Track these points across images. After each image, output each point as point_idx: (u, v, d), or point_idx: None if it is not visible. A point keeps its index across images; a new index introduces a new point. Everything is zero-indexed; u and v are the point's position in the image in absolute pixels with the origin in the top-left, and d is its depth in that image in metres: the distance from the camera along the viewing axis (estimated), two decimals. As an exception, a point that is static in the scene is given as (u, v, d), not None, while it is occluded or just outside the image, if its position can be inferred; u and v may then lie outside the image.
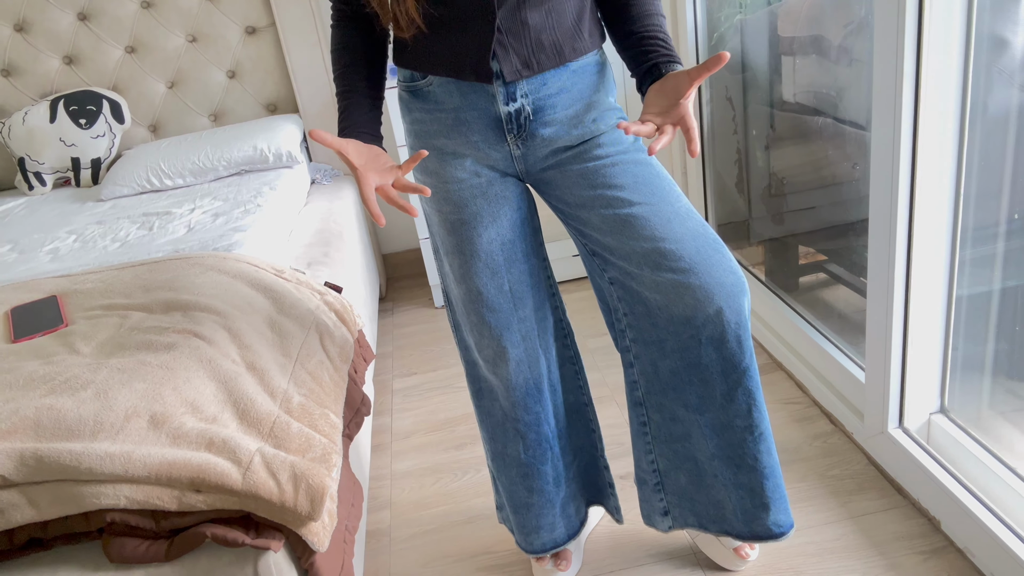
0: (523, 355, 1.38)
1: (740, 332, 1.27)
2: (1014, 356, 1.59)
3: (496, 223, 1.31)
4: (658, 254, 1.24)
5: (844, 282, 2.18)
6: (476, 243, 1.31)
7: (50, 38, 2.78)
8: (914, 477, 1.59)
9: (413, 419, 2.22)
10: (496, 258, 1.32)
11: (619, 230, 1.26)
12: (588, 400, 1.53)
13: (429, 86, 1.24)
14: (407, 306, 2.96)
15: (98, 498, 1.10)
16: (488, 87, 1.20)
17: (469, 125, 1.23)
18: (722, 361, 1.29)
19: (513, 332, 1.36)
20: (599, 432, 1.55)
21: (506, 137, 1.24)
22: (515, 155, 1.27)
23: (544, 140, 1.25)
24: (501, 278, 1.33)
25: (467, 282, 1.34)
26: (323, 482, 1.13)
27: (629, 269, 1.28)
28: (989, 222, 1.53)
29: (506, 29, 1.16)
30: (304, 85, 2.80)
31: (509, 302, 1.35)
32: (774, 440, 1.56)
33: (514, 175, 1.31)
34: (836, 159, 2.04)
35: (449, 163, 1.27)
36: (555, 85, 1.22)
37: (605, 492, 1.59)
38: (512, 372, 1.38)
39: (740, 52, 2.38)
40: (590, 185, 1.27)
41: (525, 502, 1.50)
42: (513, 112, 1.22)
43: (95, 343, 1.41)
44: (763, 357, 2.22)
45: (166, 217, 2.30)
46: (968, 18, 1.36)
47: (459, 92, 1.22)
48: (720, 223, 2.67)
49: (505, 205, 1.31)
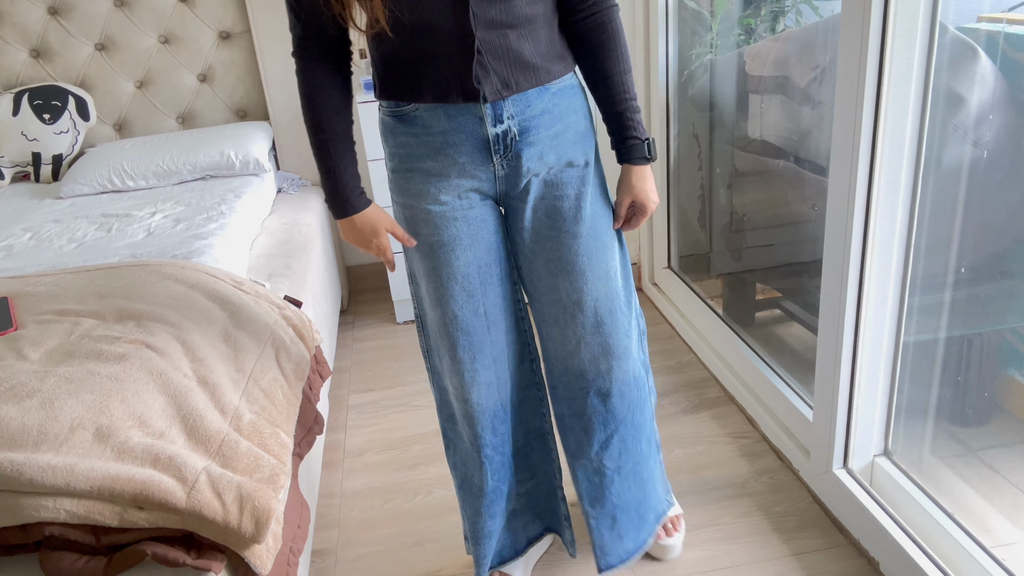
0: (493, 378, 1.41)
1: (624, 388, 1.43)
2: (956, 403, 1.64)
3: (474, 247, 1.33)
4: (574, 310, 1.38)
5: (798, 319, 2.22)
6: (454, 265, 1.33)
7: (18, 30, 2.73)
8: (856, 518, 1.63)
9: (367, 437, 2.21)
10: (472, 281, 1.35)
11: (551, 284, 1.38)
12: (550, 428, 1.55)
13: (416, 111, 1.26)
14: (368, 320, 2.95)
15: (37, 511, 1.08)
16: (476, 110, 1.24)
17: (457, 147, 1.26)
18: (605, 412, 1.44)
19: (485, 355, 1.39)
20: (558, 462, 1.58)
21: (492, 158, 1.28)
22: (499, 175, 1.31)
23: (527, 158, 1.29)
24: (476, 301, 1.36)
25: (443, 305, 1.36)
26: (269, 504, 1.13)
27: (545, 316, 1.42)
28: (937, 272, 1.58)
29: (486, 51, 1.20)
30: (276, 93, 2.79)
31: (483, 325, 1.37)
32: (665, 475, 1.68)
33: (493, 197, 1.35)
34: (795, 199, 2.09)
35: (433, 185, 1.30)
36: (538, 107, 1.27)
37: (561, 522, 1.62)
38: (483, 395, 1.41)
39: (708, 91, 2.43)
40: (547, 239, 1.36)
41: (488, 529, 1.51)
42: (500, 133, 1.26)
43: (44, 349, 1.39)
44: (716, 390, 2.26)
45: (126, 219, 2.27)
46: (926, 75, 1.41)
47: (447, 116, 1.25)
48: (681, 255, 2.71)
49: (483, 229, 1.34)
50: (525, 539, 1.61)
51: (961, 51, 1.51)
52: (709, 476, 1.90)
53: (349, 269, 3.22)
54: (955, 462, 1.62)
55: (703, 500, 1.82)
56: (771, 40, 2.17)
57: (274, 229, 2.44)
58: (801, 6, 2.20)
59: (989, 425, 1.65)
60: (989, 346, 1.60)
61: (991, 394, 1.62)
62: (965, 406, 1.63)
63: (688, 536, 1.72)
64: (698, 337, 2.42)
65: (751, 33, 2.31)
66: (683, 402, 2.21)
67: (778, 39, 2.14)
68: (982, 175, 1.52)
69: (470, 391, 1.40)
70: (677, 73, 2.51)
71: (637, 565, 1.65)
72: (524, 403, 1.51)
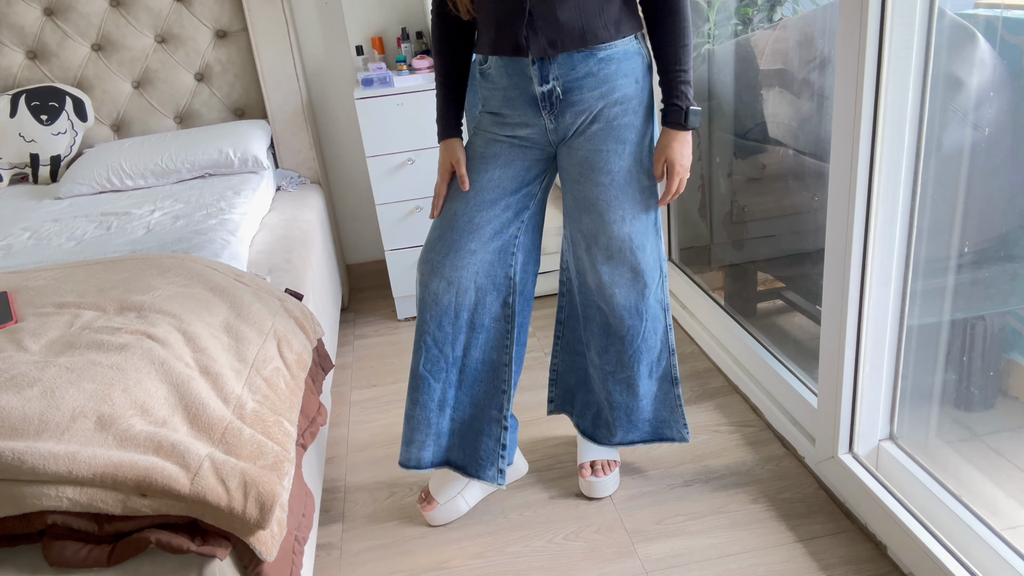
0: (457, 280, 1.59)
1: (624, 314, 1.64)
2: (961, 387, 1.63)
3: (504, 168, 1.56)
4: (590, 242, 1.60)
5: (800, 309, 2.22)
6: (480, 174, 1.57)
7: (14, 31, 2.73)
8: (863, 502, 1.62)
9: (370, 432, 2.20)
10: (485, 194, 1.56)
11: (586, 210, 1.58)
12: (508, 361, 1.70)
13: (490, 70, 1.54)
14: (369, 317, 2.94)
15: (40, 499, 1.07)
16: (527, 70, 1.47)
17: (514, 101, 1.52)
18: (607, 326, 1.68)
19: (461, 258, 1.58)
20: (509, 393, 1.71)
21: (541, 113, 1.51)
22: (548, 128, 1.54)
23: (571, 115, 1.51)
24: (477, 211, 1.57)
25: (452, 201, 1.59)
26: (273, 490, 1.12)
27: (572, 239, 1.65)
28: (940, 255, 1.58)
29: (537, 15, 1.42)
30: (274, 91, 2.78)
31: (470, 232, 1.57)
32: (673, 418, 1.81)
33: (544, 146, 1.57)
34: (796, 189, 2.09)
35: (501, 120, 1.56)
36: (582, 70, 1.47)
37: (487, 457, 1.73)
38: (441, 289, 1.59)
39: (707, 81, 2.43)
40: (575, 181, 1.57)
41: (409, 413, 1.69)
42: (546, 91, 1.49)
43: (44, 341, 1.38)
44: (719, 380, 2.25)
45: (125, 217, 2.26)
46: (925, 58, 1.41)
47: (507, 74, 1.51)
48: (682, 247, 2.70)
49: (520, 163, 1.57)
50: (447, 458, 1.75)
51: (959, 35, 1.50)
52: (715, 465, 1.90)
53: (350, 267, 3.21)
54: (961, 446, 1.62)
55: (709, 488, 1.82)
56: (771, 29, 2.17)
57: (274, 226, 2.43)
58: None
59: (994, 409, 1.64)
60: (992, 330, 1.60)
61: (995, 378, 1.62)
62: (970, 389, 1.63)
63: (695, 523, 1.71)
64: (700, 328, 2.42)
65: (748, 23, 2.31)
66: (687, 392, 2.21)
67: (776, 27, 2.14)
68: (983, 158, 1.51)
69: (431, 279, 1.59)
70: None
71: (644, 543, 1.65)
72: (488, 331, 1.67)
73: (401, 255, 2.77)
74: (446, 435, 1.73)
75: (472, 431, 1.73)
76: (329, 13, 2.87)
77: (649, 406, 1.78)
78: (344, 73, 2.95)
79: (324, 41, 2.90)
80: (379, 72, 2.58)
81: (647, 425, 1.80)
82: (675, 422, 1.80)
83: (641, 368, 1.71)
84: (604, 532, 1.72)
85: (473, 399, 1.72)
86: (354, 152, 3.07)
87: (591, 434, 1.86)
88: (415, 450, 1.71)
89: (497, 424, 1.71)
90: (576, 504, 1.82)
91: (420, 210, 2.72)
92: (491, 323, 1.67)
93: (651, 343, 1.70)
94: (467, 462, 1.74)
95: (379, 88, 2.57)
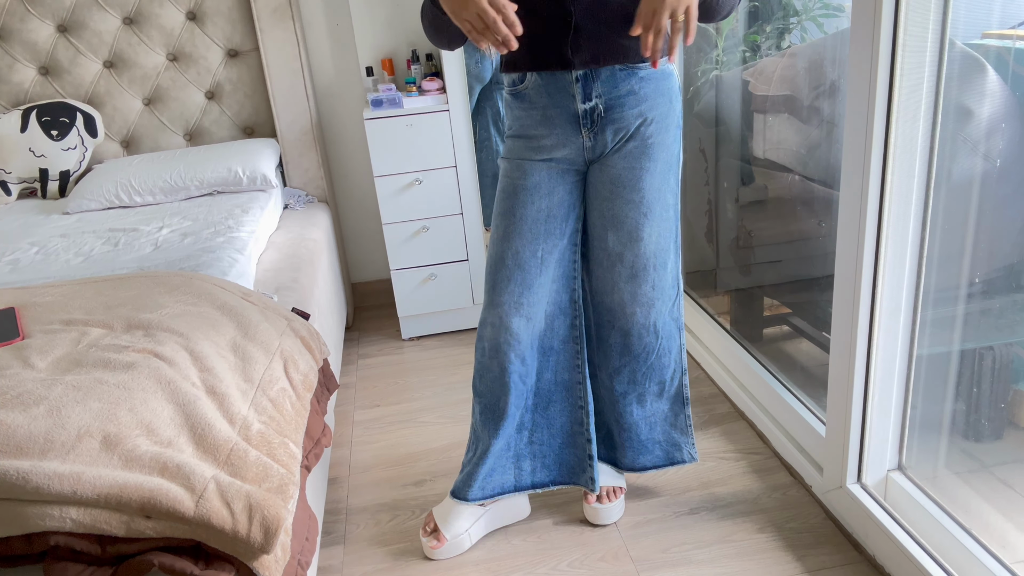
0: (533, 313, 1.62)
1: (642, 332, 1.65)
2: (970, 417, 1.62)
3: (549, 197, 1.57)
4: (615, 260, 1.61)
5: (806, 335, 2.21)
6: (527, 207, 1.57)
7: (27, 48, 2.75)
8: (871, 533, 1.60)
9: (373, 453, 2.18)
10: (539, 226, 1.58)
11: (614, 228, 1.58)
12: (580, 382, 1.72)
13: (526, 90, 1.53)
14: (374, 337, 2.93)
15: (43, 519, 1.06)
16: (570, 88, 1.48)
17: (553, 120, 1.52)
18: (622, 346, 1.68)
19: (533, 292, 1.61)
20: (587, 409, 1.73)
21: (581, 131, 1.52)
22: (586, 146, 1.54)
23: (611, 133, 1.52)
24: (537, 244, 1.59)
25: (509, 240, 1.59)
26: (278, 513, 1.11)
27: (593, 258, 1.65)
28: (950, 284, 1.57)
29: (582, 28, 1.43)
30: (284, 110, 2.80)
31: (537, 266, 1.60)
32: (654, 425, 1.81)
33: (579, 165, 1.58)
34: (803, 215, 2.09)
35: (535, 144, 1.56)
36: (624, 88, 1.49)
37: (578, 467, 1.77)
38: (522, 326, 1.62)
39: (715, 107, 2.44)
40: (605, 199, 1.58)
41: (488, 447, 1.70)
42: (588, 109, 1.50)
43: (51, 358, 1.38)
44: (725, 406, 2.24)
45: (133, 234, 2.26)
46: (936, 88, 1.41)
47: (547, 93, 1.51)
48: (688, 271, 2.70)
49: (561, 186, 1.58)
50: (530, 482, 1.77)
51: (969, 65, 1.51)
52: (721, 492, 1.88)
53: (355, 286, 3.21)
54: (970, 477, 1.60)
55: (715, 516, 1.80)
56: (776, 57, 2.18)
57: (281, 244, 2.43)
58: (806, 23, 2.21)
59: (1002, 440, 1.63)
60: (1001, 360, 1.59)
61: (1004, 409, 1.61)
62: (980, 420, 1.61)
63: (701, 552, 1.69)
64: (706, 353, 2.41)
65: (757, 50, 2.32)
66: (692, 418, 2.19)
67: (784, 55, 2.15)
68: (993, 188, 1.51)
69: (511, 319, 1.61)
70: (684, 90, 2.52)
71: (649, 572, 1.63)
72: (558, 353, 1.71)
73: (407, 274, 2.77)
74: (527, 457, 1.76)
75: (553, 449, 1.77)
76: (340, 34, 2.89)
77: (660, 427, 1.79)
78: (354, 93, 2.97)
79: (334, 62, 2.92)
80: (388, 93, 2.59)
81: (658, 448, 1.80)
82: (685, 443, 1.82)
83: (653, 386, 1.73)
84: (609, 560, 1.70)
85: (549, 421, 1.75)
86: (362, 172, 3.08)
87: (603, 456, 1.86)
88: (497, 477, 1.74)
89: (581, 437, 1.75)
90: (580, 531, 1.80)
91: (427, 230, 2.72)
92: (560, 345, 1.70)
93: (665, 361, 1.72)
94: (556, 475, 1.79)
95: (388, 109, 2.58)
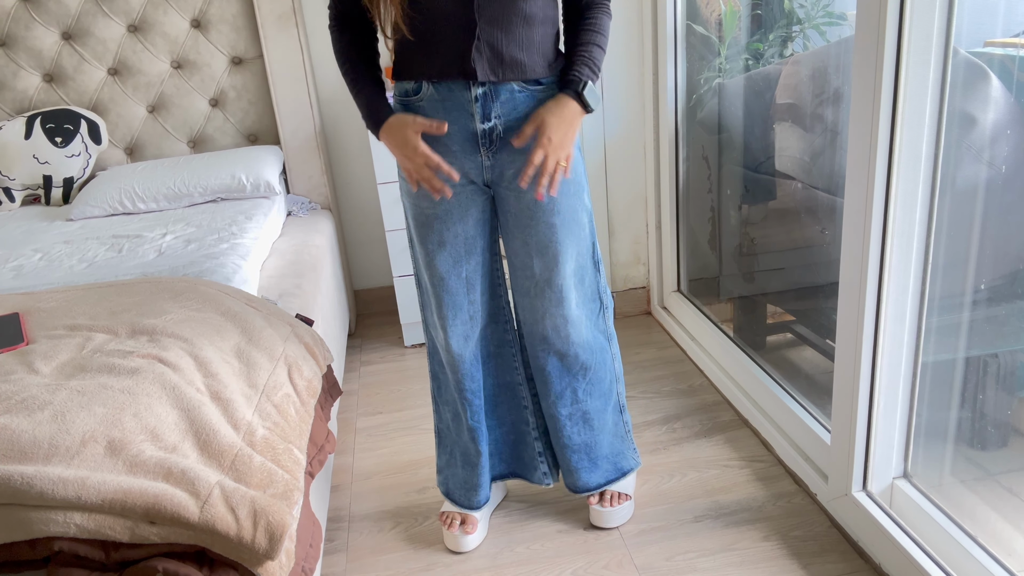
0: (469, 332, 1.65)
1: (579, 351, 1.66)
2: (975, 425, 1.62)
3: (463, 221, 1.55)
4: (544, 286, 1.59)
5: (810, 343, 2.21)
6: (444, 235, 1.56)
7: (32, 55, 2.76)
8: (877, 541, 1.60)
9: (375, 460, 2.18)
10: (459, 249, 1.57)
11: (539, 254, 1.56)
12: (521, 381, 1.78)
13: (420, 102, 1.46)
14: (376, 343, 2.93)
15: (47, 525, 1.06)
16: (468, 107, 1.43)
17: (451, 137, 1.46)
18: (561, 369, 1.69)
19: (464, 312, 1.63)
20: (532, 408, 1.79)
21: (480, 150, 1.48)
22: (485, 166, 1.50)
23: (510, 153, 1.48)
24: (461, 267, 1.59)
25: (432, 268, 1.60)
26: (283, 519, 1.10)
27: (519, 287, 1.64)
28: (955, 291, 1.57)
29: (484, 39, 1.38)
30: (288, 118, 2.80)
31: (464, 288, 1.61)
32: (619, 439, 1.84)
33: (482, 183, 1.54)
34: (806, 222, 2.09)
35: None
36: (523, 109, 1.46)
37: (531, 464, 1.84)
38: (461, 345, 1.65)
39: (717, 114, 2.44)
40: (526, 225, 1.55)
41: (473, 462, 1.76)
42: (487, 129, 1.46)
43: (56, 363, 1.37)
44: (729, 413, 2.23)
45: (136, 240, 2.27)
46: (940, 96, 1.41)
47: (444, 110, 1.45)
48: (691, 278, 2.70)
49: (472, 207, 1.55)
50: (488, 477, 1.82)
51: (972, 73, 1.51)
52: (725, 500, 1.87)
53: (357, 293, 3.21)
54: (975, 485, 1.60)
55: (719, 524, 1.79)
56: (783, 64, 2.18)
57: (284, 250, 2.43)
58: (809, 31, 2.21)
59: (1007, 448, 1.63)
60: (1006, 367, 1.58)
61: (1008, 417, 1.60)
62: (985, 427, 1.61)
63: (705, 560, 1.69)
64: (710, 360, 2.40)
65: (759, 57, 2.33)
66: (696, 426, 2.19)
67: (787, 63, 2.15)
68: (998, 194, 1.51)
69: (450, 341, 1.65)
70: (686, 97, 2.52)
71: None
72: (496, 358, 1.76)
73: (409, 282, 2.76)
74: (491, 455, 1.83)
75: (508, 444, 1.85)
76: (343, 42, 2.89)
77: (605, 440, 1.80)
78: (357, 101, 2.97)
79: (338, 69, 2.93)
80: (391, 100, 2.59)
81: (606, 463, 1.81)
82: (627, 450, 1.85)
83: (595, 401, 1.74)
84: (613, 568, 1.70)
85: (500, 419, 1.82)
86: (365, 178, 3.08)
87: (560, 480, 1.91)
88: (483, 491, 1.80)
89: (529, 436, 1.82)
90: (585, 538, 1.79)
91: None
92: (496, 350, 1.75)
93: (601, 374, 1.73)
94: (513, 468, 1.88)
95: (392, 116, 2.58)
